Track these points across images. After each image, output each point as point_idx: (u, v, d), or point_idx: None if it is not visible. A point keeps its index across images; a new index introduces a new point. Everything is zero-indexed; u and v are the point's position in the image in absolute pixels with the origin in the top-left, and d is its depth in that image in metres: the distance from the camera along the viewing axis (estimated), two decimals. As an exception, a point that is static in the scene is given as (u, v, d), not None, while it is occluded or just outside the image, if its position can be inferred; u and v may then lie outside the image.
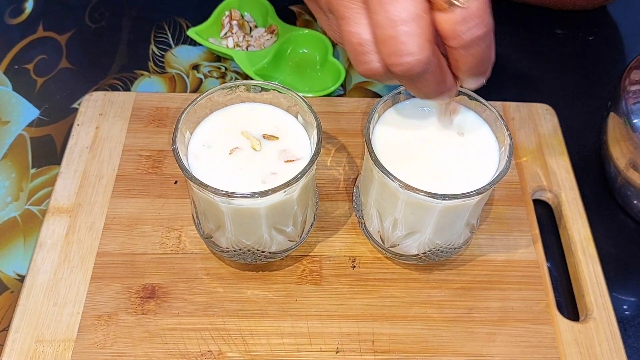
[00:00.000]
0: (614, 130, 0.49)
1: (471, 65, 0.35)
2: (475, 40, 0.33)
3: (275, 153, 0.41)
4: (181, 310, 0.43)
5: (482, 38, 0.33)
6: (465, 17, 0.32)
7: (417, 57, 0.32)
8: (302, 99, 0.42)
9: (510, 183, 0.50)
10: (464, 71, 0.36)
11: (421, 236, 0.42)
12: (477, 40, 0.33)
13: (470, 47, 0.33)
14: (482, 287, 0.45)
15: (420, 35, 0.32)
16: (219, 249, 0.44)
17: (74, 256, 0.46)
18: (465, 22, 0.32)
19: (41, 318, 0.43)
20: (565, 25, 0.66)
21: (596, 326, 0.44)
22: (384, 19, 0.32)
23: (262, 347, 0.42)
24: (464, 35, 0.33)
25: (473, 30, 0.33)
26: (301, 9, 0.66)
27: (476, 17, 0.32)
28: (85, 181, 0.49)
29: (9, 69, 0.60)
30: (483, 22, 0.33)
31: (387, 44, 0.32)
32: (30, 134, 0.55)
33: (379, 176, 0.40)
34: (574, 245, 0.48)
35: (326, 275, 0.45)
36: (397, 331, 0.43)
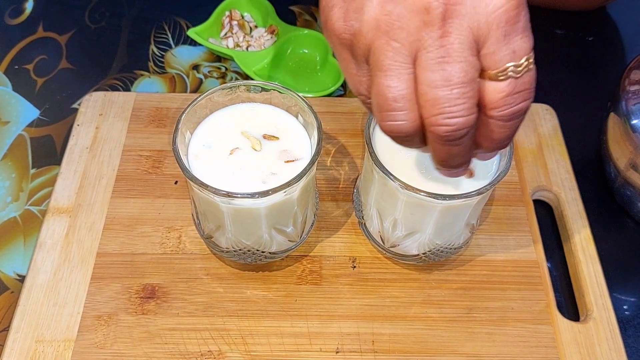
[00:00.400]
0: (613, 131, 0.49)
1: (503, 137, 0.33)
2: (517, 113, 0.31)
3: (276, 153, 0.41)
4: (181, 311, 0.43)
5: (524, 111, 0.32)
6: (515, 89, 0.31)
7: (465, 119, 0.31)
8: (302, 99, 0.42)
9: (510, 183, 0.50)
10: (494, 141, 0.33)
11: (421, 236, 0.42)
12: (519, 114, 0.32)
13: (511, 119, 0.32)
14: (482, 287, 0.45)
15: (472, 98, 0.30)
16: (219, 249, 0.44)
17: (74, 256, 0.46)
18: (514, 94, 0.31)
19: (41, 318, 0.43)
20: (565, 26, 0.66)
21: (596, 326, 0.44)
22: (440, 78, 0.30)
23: (262, 347, 0.42)
24: (510, 107, 0.31)
25: (520, 102, 0.31)
26: (301, 9, 0.66)
27: (525, 90, 0.31)
28: (85, 181, 0.49)
29: (9, 69, 0.60)
30: (530, 94, 0.31)
31: (437, 104, 0.30)
32: (30, 134, 0.55)
33: (379, 176, 0.40)
34: (573, 245, 0.48)
35: (326, 276, 0.45)
36: (397, 331, 0.43)
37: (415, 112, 0.32)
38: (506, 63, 0.30)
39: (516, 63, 0.30)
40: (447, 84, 0.30)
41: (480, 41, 0.30)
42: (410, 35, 0.30)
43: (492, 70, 0.30)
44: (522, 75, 0.30)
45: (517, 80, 0.30)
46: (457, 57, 0.30)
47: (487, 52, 0.30)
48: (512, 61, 0.30)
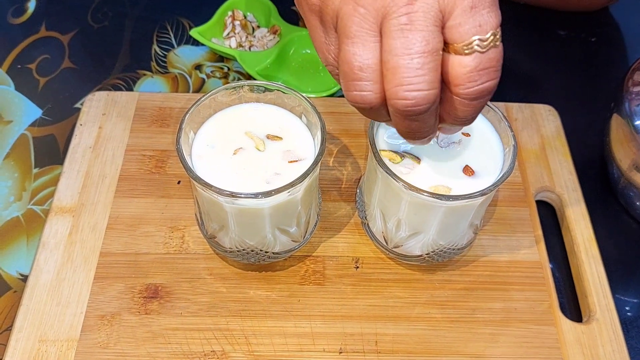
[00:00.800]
0: (617, 132, 0.49)
1: (467, 116, 0.32)
2: (483, 91, 0.31)
3: (279, 153, 0.41)
4: (184, 310, 0.43)
5: (490, 90, 0.31)
6: (480, 64, 0.30)
7: (424, 93, 0.30)
8: (306, 99, 0.42)
9: (513, 184, 0.50)
10: (457, 118, 0.33)
11: (425, 237, 0.42)
12: (486, 91, 0.31)
13: (475, 98, 0.31)
14: (485, 288, 0.45)
15: (433, 71, 0.30)
16: (222, 249, 0.44)
17: (77, 256, 0.46)
18: (480, 71, 0.30)
19: (44, 318, 0.43)
20: (568, 27, 0.66)
21: (599, 327, 0.44)
22: (401, 46, 0.29)
23: (265, 348, 0.42)
24: (475, 85, 0.30)
25: (484, 81, 0.30)
26: (304, 10, 0.66)
27: (491, 67, 0.30)
28: (88, 181, 0.49)
29: (12, 68, 0.60)
30: (496, 73, 0.31)
31: (396, 73, 0.30)
32: (33, 133, 0.55)
33: (383, 176, 0.40)
34: (576, 246, 0.48)
35: (329, 276, 0.45)
36: (401, 332, 0.43)
37: (380, 84, 0.31)
38: (472, 36, 0.30)
39: (482, 37, 0.30)
40: (408, 52, 0.29)
41: (446, 13, 0.30)
42: (376, 2, 0.30)
43: (457, 44, 0.30)
44: (488, 50, 0.30)
45: (482, 55, 0.30)
46: (419, 25, 0.29)
47: (452, 23, 0.30)
48: (478, 34, 0.30)
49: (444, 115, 0.33)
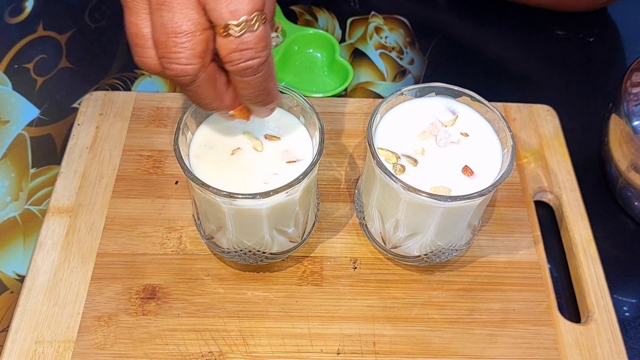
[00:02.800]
0: (615, 132, 0.49)
1: (247, 93, 0.36)
2: (247, 70, 0.34)
3: (277, 154, 0.41)
4: (182, 311, 0.43)
5: (254, 69, 0.34)
6: (238, 46, 0.33)
7: (183, 67, 0.33)
8: (304, 99, 0.42)
9: (511, 184, 0.50)
10: (242, 96, 0.37)
11: (423, 237, 0.42)
12: (250, 70, 0.34)
13: (244, 75, 0.34)
14: (483, 289, 0.45)
15: (190, 49, 0.33)
16: (220, 249, 0.44)
17: (74, 257, 0.45)
18: (239, 51, 0.33)
19: (41, 319, 0.43)
20: (566, 27, 0.66)
21: (597, 328, 0.44)
22: (159, 24, 0.33)
23: (262, 348, 0.42)
24: (236, 63, 0.33)
25: (245, 60, 0.33)
26: (302, 9, 0.66)
27: (250, 49, 0.33)
28: (85, 181, 0.49)
29: (9, 68, 0.60)
30: (258, 53, 0.33)
31: (159, 47, 0.33)
32: (30, 133, 0.55)
33: (381, 177, 0.40)
34: (575, 246, 0.48)
35: (327, 277, 0.45)
36: (399, 332, 0.43)
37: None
38: (225, 20, 0.32)
39: (235, 22, 0.32)
40: (165, 30, 0.33)
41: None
42: None
43: (216, 27, 0.33)
44: (243, 34, 0.32)
45: (238, 38, 0.33)
46: (173, 6, 0.32)
47: (209, 7, 0.32)
48: (231, 19, 0.32)
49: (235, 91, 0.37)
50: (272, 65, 0.36)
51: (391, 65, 0.61)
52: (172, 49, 0.33)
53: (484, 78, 0.61)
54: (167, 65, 0.33)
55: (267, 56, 0.34)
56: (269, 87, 0.36)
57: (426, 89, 0.44)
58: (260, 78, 0.35)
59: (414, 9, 0.67)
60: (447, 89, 0.44)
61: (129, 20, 0.34)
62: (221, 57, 0.34)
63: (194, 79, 0.34)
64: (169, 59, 0.33)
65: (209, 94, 0.36)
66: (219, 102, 0.37)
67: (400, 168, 0.41)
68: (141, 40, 0.34)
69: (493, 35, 0.64)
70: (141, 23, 0.34)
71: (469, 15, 0.66)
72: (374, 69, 0.61)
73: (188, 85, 0.35)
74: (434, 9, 0.67)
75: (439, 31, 0.65)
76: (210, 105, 0.37)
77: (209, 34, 0.33)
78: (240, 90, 0.36)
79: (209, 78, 0.35)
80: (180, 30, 0.32)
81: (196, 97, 0.36)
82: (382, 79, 0.60)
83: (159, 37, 0.33)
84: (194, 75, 0.34)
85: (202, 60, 0.33)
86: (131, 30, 0.34)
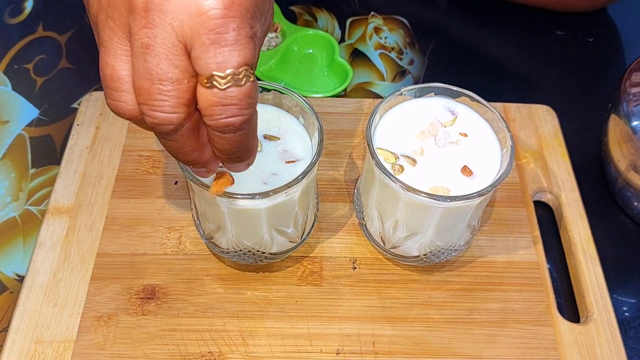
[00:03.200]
0: (614, 132, 0.49)
1: (226, 149, 0.33)
2: (227, 127, 0.31)
3: (277, 154, 0.41)
4: (181, 311, 0.43)
5: (236, 127, 0.31)
6: (221, 100, 0.30)
7: (167, 115, 0.30)
8: (303, 100, 0.42)
9: (510, 184, 0.50)
10: (219, 151, 0.33)
11: (422, 238, 0.42)
12: (230, 127, 0.31)
13: (223, 132, 0.31)
14: (482, 289, 0.45)
15: (176, 98, 0.30)
16: (219, 249, 0.44)
17: (73, 257, 0.45)
18: (221, 106, 0.30)
19: (41, 319, 0.43)
20: (565, 27, 0.66)
21: (597, 328, 0.44)
22: (142, 70, 0.30)
23: (262, 349, 0.42)
24: (217, 118, 0.31)
25: (227, 116, 0.31)
26: (301, 9, 0.66)
27: (233, 105, 0.30)
28: (85, 181, 0.49)
29: (9, 68, 0.60)
30: (240, 111, 0.31)
31: (141, 93, 0.30)
32: (29, 133, 0.55)
33: (381, 177, 0.40)
34: (574, 246, 0.48)
35: (327, 277, 0.45)
36: (398, 332, 0.43)
37: (134, 96, 0.31)
38: (211, 71, 0.30)
39: (220, 74, 0.29)
40: (148, 75, 0.30)
41: (187, 44, 0.30)
42: (121, 17, 0.30)
43: (199, 76, 0.30)
44: (227, 88, 0.30)
45: (222, 92, 0.30)
46: (158, 51, 0.29)
47: (194, 55, 0.30)
48: (216, 70, 0.29)
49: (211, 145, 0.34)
50: (255, 124, 0.33)
51: (391, 66, 0.62)
52: (157, 97, 0.30)
53: (484, 78, 0.61)
54: (149, 112, 0.30)
55: (251, 114, 0.31)
56: (249, 145, 0.34)
57: (425, 89, 0.44)
58: (240, 137, 0.32)
59: (414, 10, 0.67)
60: (446, 89, 0.44)
61: (104, 61, 0.31)
62: (201, 110, 0.31)
63: (177, 129, 0.31)
64: (152, 106, 0.30)
65: (190, 145, 0.33)
66: (198, 154, 0.34)
67: (399, 168, 0.41)
68: (117, 84, 0.31)
69: (492, 36, 0.64)
70: (118, 65, 0.31)
71: (469, 15, 0.66)
72: (373, 69, 0.61)
73: (169, 135, 0.32)
74: (433, 10, 0.67)
75: (439, 31, 0.65)
76: (188, 156, 0.34)
77: (195, 82, 0.31)
78: (217, 146, 0.33)
79: (192, 128, 0.32)
80: (167, 77, 0.30)
81: (175, 148, 0.33)
82: (382, 80, 0.60)
83: (141, 83, 0.30)
84: (178, 124, 0.31)
85: (188, 108, 0.31)
86: (106, 72, 0.31)
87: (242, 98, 0.30)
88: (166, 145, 0.33)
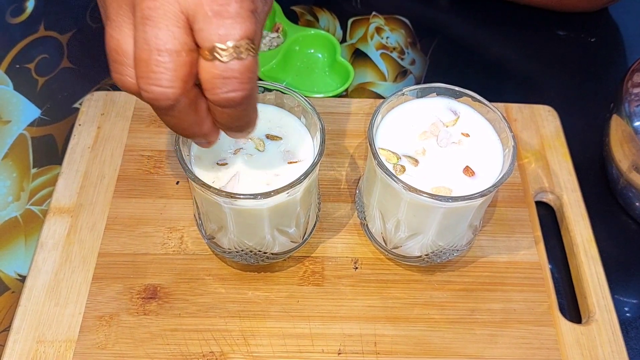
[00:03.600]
0: (616, 133, 0.49)
1: (225, 122, 0.33)
2: (229, 101, 0.31)
3: (279, 154, 0.41)
4: (183, 311, 0.43)
5: (237, 101, 0.31)
6: (223, 73, 0.30)
7: (164, 90, 0.30)
8: (305, 100, 0.42)
9: (512, 185, 0.50)
10: (221, 124, 0.34)
11: (424, 238, 0.42)
12: (231, 102, 0.31)
13: (224, 106, 0.32)
14: (484, 289, 0.45)
15: (173, 71, 0.30)
16: (221, 249, 0.44)
17: (75, 256, 0.45)
18: (223, 79, 0.30)
19: (42, 318, 0.43)
20: (567, 27, 0.66)
21: (598, 328, 0.44)
22: (141, 40, 0.30)
23: (263, 348, 0.42)
24: (218, 92, 0.31)
25: (229, 90, 0.31)
26: (303, 9, 0.66)
27: (235, 78, 0.30)
28: (86, 181, 0.49)
29: (10, 68, 0.60)
30: (242, 85, 0.31)
31: (139, 65, 0.30)
32: (31, 133, 0.55)
33: (383, 177, 0.40)
34: (576, 247, 0.48)
35: (328, 277, 0.45)
36: (399, 332, 0.43)
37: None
38: (213, 43, 0.30)
39: (222, 46, 0.30)
40: (147, 46, 0.30)
41: (189, 16, 0.30)
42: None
43: (201, 48, 0.30)
44: (230, 61, 0.30)
45: (224, 64, 0.30)
46: (159, 22, 0.30)
47: (197, 27, 0.30)
48: (218, 42, 0.30)
49: (213, 118, 0.34)
50: (255, 98, 0.33)
51: (392, 66, 0.62)
52: (154, 68, 0.30)
53: (485, 78, 0.61)
54: (145, 86, 0.30)
55: (251, 89, 0.31)
56: (249, 118, 0.34)
57: (427, 89, 0.44)
58: (241, 110, 0.32)
59: (415, 10, 0.67)
60: (448, 90, 0.44)
61: (109, 34, 0.32)
62: (202, 83, 0.31)
63: (173, 105, 0.31)
64: (148, 79, 0.30)
65: (188, 120, 0.33)
66: (198, 128, 0.34)
67: (401, 168, 0.41)
68: (121, 57, 0.31)
69: (494, 36, 0.64)
70: (123, 38, 0.31)
71: (470, 15, 0.66)
72: (375, 69, 0.61)
73: (167, 111, 0.32)
74: (435, 10, 0.67)
75: (440, 31, 0.65)
76: (188, 131, 0.34)
77: (194, 56, 0.31)
78: (218, 119, 0.33)
79: (190, 103, 0.32)
80: (165, 48, 0.30)
81: (173, 123, 0.33)
82: (383, 80, 0.60)
83: (140, 55, 0.30)
84: (174, 100, 0.31)
85: (186, 84, 0.31)
86: (111, 45, 0.32)
87: (243, 72, 0.30)
88: (165, 120, 0.33)
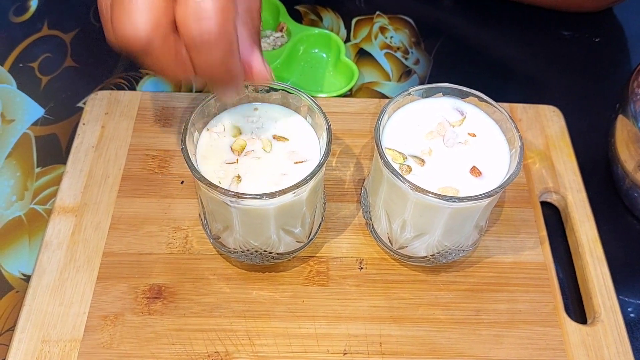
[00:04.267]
0: (622, 133, 0.49)
1: (203, 69, 0.33)
2: (202, 41, 0.31)
3: (285, 154, 0.41)
4: (188, 311, 0.43)
5: (210, 43, 0.31)
6: (195, 11, 0.31)
7: (137, 32, 0.31)
8: (311, 100, 0.42)
9: (517, 185, 0.50)
10: (196, 67, 0.34)
11: (430, 238, 0.42)
12: (205, 42, 0.31)
13: (198, 47, 0.32)
14: (489, 289, 0.45)
15: (148, 12, 0.31)
16: (226, 249, 0.44)
17: (79, 256, 0.45)
18: (195, 18, 0.31)
19: (47, 318, 0.42)
20: (571, 27, 0.66)
21: (604, 329, 0.44)
22: None
23: (269, 349, 0.42)
24: (191, 31, 0.31)
25: (201, 29, 0.31)
26: (307, 9, 0.66)
27: (208, 17, 0.31)
28: (90, 180, 0.49)
29: (14, 67, 0.60)
30: (215, 24, 0.31)
31: (114, 10, 0.31)
32: (35, 132, 0.55)
33: (389, 177, 0.40)
34: (581, 247, 0.47)
35: (333, 277, 0.45)
36: (405, 333, 0.43)
37: None
38: None
39: None
40: None
41: None
42: None
43: None
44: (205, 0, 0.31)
45: (197, 3, 0.31)
46: None
47: None
48: None
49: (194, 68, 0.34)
50: (234, 43, 0.33)
51: (396, 66, 0.61)
52: (126, 6, 0.30)
53: (490, 78, 0.61)
54: (118, 29, 0.31)
55: (226, 32, 0.31)
56: (229, 67, 0.34)
57: (433, 89, 0.44)
58: (217, 55, 0.32)
59: (419, 9, 0.67)
60: (454, 90, 0.43)
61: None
62: (177, 24, 0.31)
63: (147, 47, 0.31)
64: (122, 22, 0.31)
65: (170, 62, 0.33)
66: (181, 69, 0.34)
67: (407, 168, 0.40)
68: (105, 15, 0.33)
69: (498, 36, 0.64)
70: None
71: (475, 15, 0.66)
72: (379, 69, 0.61)
73: (143, 53, 0.32)
74: (439, 9, 0.67)
75: (444, 31, 0.65)
76: (174, 73, 0.34)
77: (167, 4, 0.31)
78: (196, 67, 0.33)
79: (165, 44, 0.32)
80: None
81: (152, 65, 0.33)
82: (388, 79, 0.60)
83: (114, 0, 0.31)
84: (148, 41, 0.31)
85: (158, 25, 0.31)
86: (101, 4, 0.33)
87: (217, 12, 0.31)
88: (143, 62, 0.33)
